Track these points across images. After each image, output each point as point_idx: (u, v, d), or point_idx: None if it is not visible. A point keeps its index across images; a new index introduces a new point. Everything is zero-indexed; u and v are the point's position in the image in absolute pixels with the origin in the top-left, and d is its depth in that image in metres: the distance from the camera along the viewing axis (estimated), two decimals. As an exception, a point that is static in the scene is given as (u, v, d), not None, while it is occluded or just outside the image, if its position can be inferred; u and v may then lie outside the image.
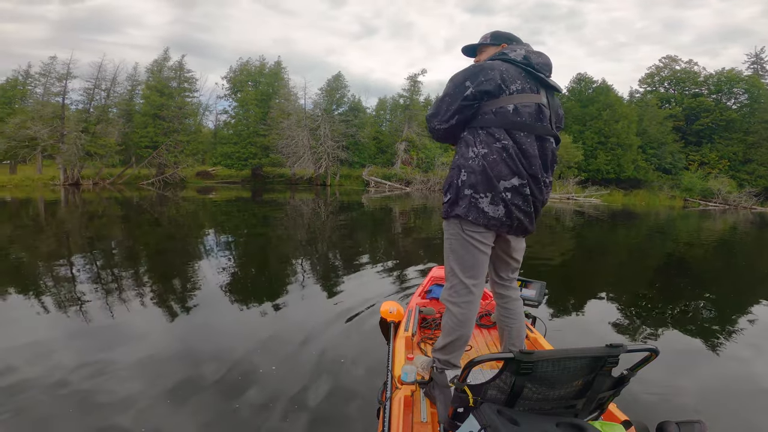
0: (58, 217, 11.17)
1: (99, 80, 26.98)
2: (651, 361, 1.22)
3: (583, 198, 24.36)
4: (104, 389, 2.14)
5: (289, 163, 28.67)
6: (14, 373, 2.27)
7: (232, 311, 3.49)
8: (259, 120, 30.36)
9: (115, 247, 6.56)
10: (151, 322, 3.14)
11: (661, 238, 10.69)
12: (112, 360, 2.45)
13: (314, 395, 2.13)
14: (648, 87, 37.12)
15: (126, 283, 4.26)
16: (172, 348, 2.69)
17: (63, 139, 24.37)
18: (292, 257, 5.94)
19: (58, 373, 2.28)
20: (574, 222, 13.15)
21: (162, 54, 29.54)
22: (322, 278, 4.68)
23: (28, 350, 2.56)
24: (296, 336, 2.85)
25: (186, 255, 5.99)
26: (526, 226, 1.69)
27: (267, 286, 4.37)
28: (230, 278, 4.54)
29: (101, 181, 26.27)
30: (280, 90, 31.45)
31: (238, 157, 30.29)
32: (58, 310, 3.34)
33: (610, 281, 5.43)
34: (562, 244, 8.59)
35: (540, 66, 1.66)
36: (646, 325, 3.59)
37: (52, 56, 27.77)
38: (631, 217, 16.36)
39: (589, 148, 28.70)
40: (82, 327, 3.02)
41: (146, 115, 27.63)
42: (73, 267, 4.94)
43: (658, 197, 28.53)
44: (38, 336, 2.80)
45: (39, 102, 26.93)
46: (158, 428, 1.87)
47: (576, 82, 32.03)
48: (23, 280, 4.32)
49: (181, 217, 11.46)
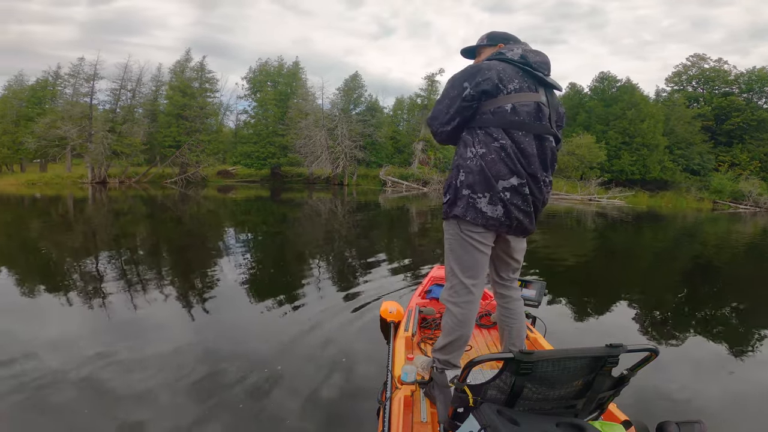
0: (85, 214, 11.64)
1: (125, 81, 27.92)
2: (651, 361, 1.21)
3: (605, 200, 23.77)
4: (121, 380, 2.22)
5: (307, 163, 28.97)
6: (39, 363, 2.36)
7: (237, 308, 3.55)
8: (277, 120, 30.81)
9: (139, 244, 6.80)
10: (171, 317, 3.24)
11: (687, 241, 10.38)
12: (132, 352, 2.54)
13: (314, 395, 2.14)
14: (675, 86, 35.97)
15: (148, 279, 4.41)
16: (184, 341, 2.76)
17: (91, 139, 25.31)
18: (304, 256, 6.04)
19: (81, 364, 2.37)
20: (596, 224, 12.87)
21: (184, 55, 30.35)
22: (329, 277, 4.72)
23: (53, 342, 2.67)
24: (297, 335, 2.87)
25: (206, 252, 6.16)
26: (525, 226, 1.68)
27: (276, 285, 4.42)
28: (242, 276, 4.62)
29: (127, 180, 27.16)
30: (298, 90, 31.83)
31: (257, 157, 30.82)
32: (83, 304, 3.48)
33: (624, 283, 5.32)
34: (579, 245, 8.45)
35: (538, 64, 1.65)
36: (647, 325, 3.56)
37: (80, 57, 28.70)
38: (656, 219, 15.91)
39: (613, 148, 28.00)
40: (105, 320, 3.14)
41: (169, 115, 28.38)
42: (98, 262, 5.16)
43: (686, 199, 27.61)
44: (63, 328, 2.93)
45: (68, 102, 27.94)
46: (171, 419, 1.93)
47: (599, 81, 31.30)
48: (52, 275, 4.54)
49: (203, 216, 11.76)
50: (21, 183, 25.24)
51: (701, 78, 34.66)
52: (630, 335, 3.22)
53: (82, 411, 1.96)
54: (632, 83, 30.05)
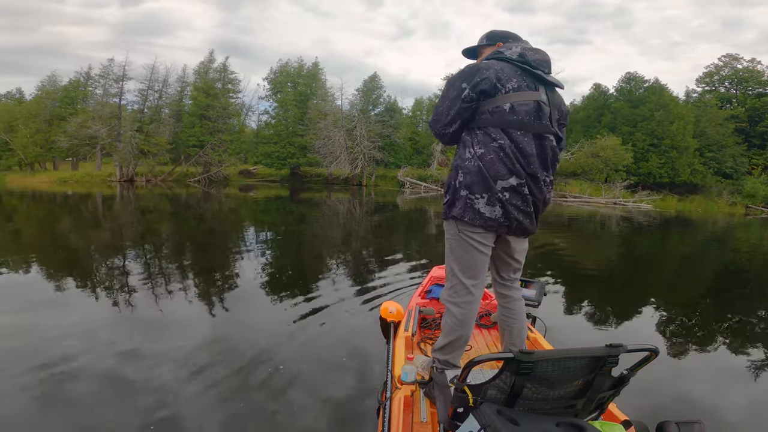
0: (114, 211, 12.13)
1: (152, 82, 28.86)
2: (651, 361, 1.21)
3: (631, 203, 23.14)
4: (138, 373, 2.31)
5: (326, 163, 29.26)
6: (62, 355, 2.46)
7: (242, 306, 3.59)
8: (297, 120, 31.23)
9: (164, 241, 7.06)
10: (189, 312, 3.35)
11: (717, 246, 10.04)
12: (150, 346, 2.63)
13: (314, 394, 2.14)
14: (706, 86, 34.67)
15: (170, 274, 4.59)
16: (197, 336, 2.84)
17: (119, 138, 26.29)
18: (315, 256, 6.14)
19: (101, 356, 2.49)
20: (620, 228, 12.56)
21: (207, 56, 31.15)
22: (335, 276, 4.74)
23: (77, 334, 2.79)
24: (299, 335, 2.88)
25: (226, 249, 6.34)
26: (525, 226, 1.66)
27: (282, 283, 4.47)
28: (253, 274, 4.68)
29: (153, 178, 28.06)
30: (317, 91, 32.18)
31: (277, 157, 31.32)
32: (107, 298, 3.66)
33: (639, 286, 5.20)
34: (598, 248, 8.29)
35: (537, 62, 1.63)
36: (649, 325, 3.53)
37: (110, 58, 29.77)
38: (685, 224, 15.40)
39: (640, 150, 27.19)
40: (128, 314, 3.28)
41: (194, 115, 29.14)
42: (125, 258, 5.41)
43: (717, 203, 26.58)
44: (88, 321, 3.06)
45: (99, 102, 29.04)
46: (185, 411, 1.99)
47: (625, 82, 30.46)
48: (80, 269, 4.81)
49: (224, 214, 12.05)
50: (53, 180, 26.42)
51: (734, 78, 33.30)
52: (631, 335, 3.21)
53: (101, 402, 2.04)
54: (661, 84, 29.11)
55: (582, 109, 32.77)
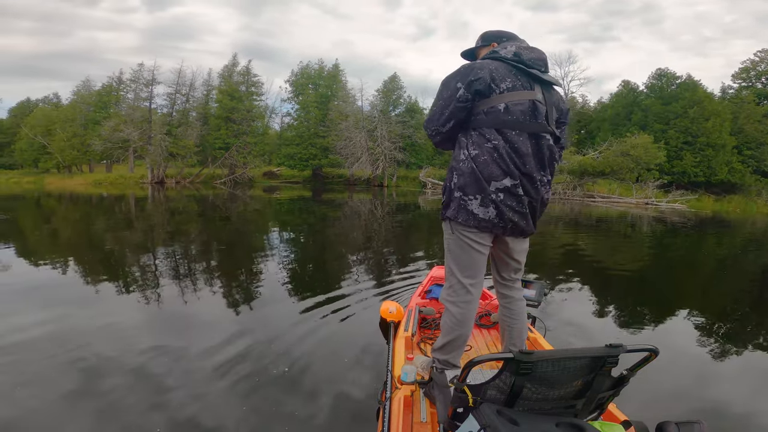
0: (146, 212, 12.71)
1: (179, 86, 29.89)
2: (651, 361, 1.21)
3: (665, 203, 22.32)
4: (161, 366, 2.41)
5: (348, 164, 29.56)
6: (90, 350, 2.59)
7: (248, 305, 3.66)
8: (318, 122, 31.65)
9: (192, 240, 7.35)
10: (212, 310, 3.50)
11: (755, 248, 9.61)
12: (174, 342, 2.75)
13: (315, 394, 2.16)
14: (743, 82, 33.05)
15: (196, 273, 4.80)
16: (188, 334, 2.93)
17: (150, 141, 27.38)
18: (330, 256, 6.24)
19: (128, 348, 2.61)
20: (652, 229, 12.17)
21: (231, 59, 31.97)
22: (341, 276, 4.79)
23: (106, 329, 2.96)
24: (299, 334, 2.92)
25: (250, 249, 6.54)
26: (521, 227, 1.66)
27: (289, 283, 4.52)
28: (271, 274, 4.80)
29: (182, 180, 29.07)
30: (338, 92, 32.58)
31: (299, 158, 31.86)
32: (138, 294, 3.86)
33: (673, 288, 5.05)
34: (625, 249, 8.08)
35: (532, 61, 1.62)
36: (650, 325, 3.50)
37: (140, 63, 31.13)
38: (721, 225, 14.75)
39: (673, 148, 26.23)
40: (155, 311, 3.45)
41: (219, 118, 29.98)
42: (156, 257, 5.71)
43: (756, 204, 25.27)
44: (117, 316, 3.24)
45: (131, 106, 30.20)
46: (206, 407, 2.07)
47: (656, 78, 29.43)
48: (112, 267, 5.11)
49: (249, 214, 12.41)
50: (89, 183, 27.75)
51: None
52: (633, 335, 3.19)
53: (127, 392, 2.13)
54: (694, 80, 28.02)
55: (610, 106, 31.86)
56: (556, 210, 15.95)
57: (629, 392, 1.46)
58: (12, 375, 2.29)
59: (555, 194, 21.95)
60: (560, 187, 22.37)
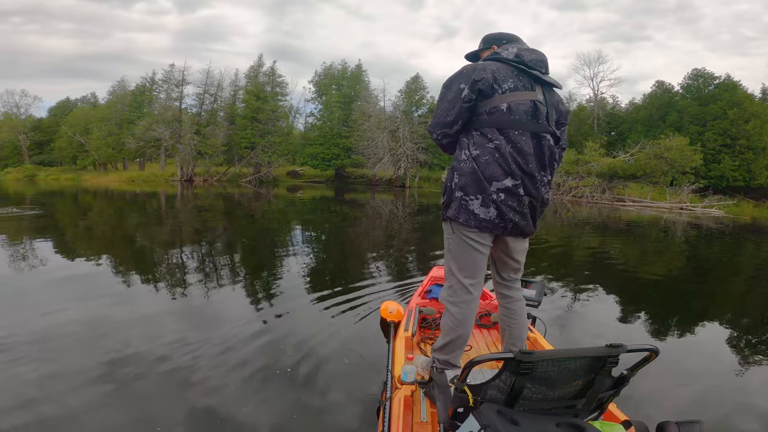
0: (175, 208, 13.23)
1: (208, 86, 30.83)
2: (651, 361, 1.22)
3: (700, 208, 21.40)
4: (183, 357, 2.50)
5: (370, 164, 29.72)
6: (118, 338, 2.72)
7: (253, 305, 3.70)
8: (341, 122, 31.99)
9: (217, 237, 7.62)
10: (235, 306, 3.64)
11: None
12: (194, 333, 2.87)
13: (315, 394, 2.19)
14: (790, 81, 31.28)
15: (217, 269, 5.01)
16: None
17: (180, 140, 28.37)
18: (350, 256, 6.29)
19: (153, 341, 2.72)
20: (686, 235, 11.70)
21: (257, 60, 32.72)
22: (347, 276, 4.86)
23: (135, 320, 3.11)
24: (301, 335, 2.95)
25: (272, 246, 6.75)
26: (522, 227, 1.67)
27: (296, 282, 4.57)
28: (286, 273, 4.92)
29: (209, 178, 30.00)
30: (361, 93, 32.84)
31: (322, 158, 32.29)
32: (164, 288, 4.08)
33: (701, 294, 4.89)
34: (655, 254, 7.82)
35: (533, 62, 1.65)
36: (650, 325, 3.46)
37: (171, 64, 32.20)
38: (761, 232, 14.06)
39: (711, 151, 25.11)
40: (182, 306, 3.63)
41: (245, 117, 30.73)
42: (183, 252, 5.98)
43: (801, 211, 23.93)
44: (145, 311, 3.39)
45: (163, 106, 31.32)
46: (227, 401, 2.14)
47: (693, 78, 28.24)
48: (143, 261, 5.39)
49: (272, 213, 12.74)
50: (123, 180, 29.05)
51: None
52: (633, 335, 3.17)
53: (149, 383, 2.24)
54: (733, 80, 26.72)
55: (643, 107, 30.82)
56: (583, 213, 15.53)
57: (629, 392, 1.46)
58: (42, 360, 2.45)
59: (582, 197, 21.40)
60: (588, 190, 21.75)
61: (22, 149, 41.66)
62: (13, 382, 2.21)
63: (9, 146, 41.87)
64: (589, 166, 21.75)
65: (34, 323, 3.04)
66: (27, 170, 37.31)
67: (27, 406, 1.98)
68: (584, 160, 21.98)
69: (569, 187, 22.10)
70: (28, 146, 41.66)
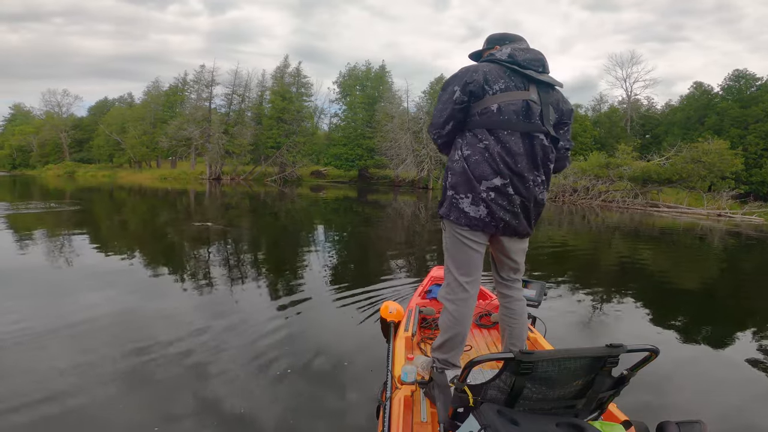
0: (203, 205, 13.73)
1: (236, 86, 31.75)
2: (651, 361, 1.22)
3: (740, 216, 20.37)
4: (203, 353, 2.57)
5: (393, 165, 29.87)
6: (144, 332, 2.83)
7: (257, 305, 3.74)
8: (365, 123, 32.25)
9: (242, 234, 7.90)
10: (254, 303, 3.77)
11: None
12: (215, 325, 2.99)
13: (315, 394, 2.20)
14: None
15: (245, 267, 5.22)
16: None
17: (209, 139, 29.30)
18: (365, 257, 6.33)
19: (175, 335, 2.82)
20: (725, 243, 11.18)
21: (282, 61, 33.34)
22: (354, 278, 4.89)
23: (161, 313, 3.23)
24: (302, 335, 2.98)
25: (294, 245, 6.94)
26: (514, 226, 1.68)
27: (300, 283, 4.63)
28: (307, 271, 5.05)
29: (236, 177, 30.86)
30: (384, 93, 33.03)
31: (346, 158, 32.63)
32: (191, 284, 4.25)
33: (742, 306, 4.71)
34: (689, 262, 7.52)
35: (527, 62, 1.66)
36: (652, 324, 3.40)
37: (201, 65, 33.20)
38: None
39: (752, 155, 23.91)
40: (205, 300, 3.75)
41: (272, 118, 31.43)
42: (209, 249, 6.23)
43: None
44: (170, 301, 3.58)
45: (193, 107, 32.43)
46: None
47: (734, 80, 26.97)
48: (172, 256, 5.65)
49: (296, 212, 13.03)
50: (155, 177, 30.27)
51: None
52: (632, 335, 3.15)
53: (169, 376, 2.32)
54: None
55: (680, 109, 29.66)
56: (614, 218, 15.02)
57: (629, 392, 1.47)
58: (74, 349, 2.61)
59: (612, 202, 20.72)
60: (619, 194, 20.98)
61: (63, 147, 44.03)
62: (42, 371, 2.34)
63: (51, 144, 44.35)
64: (621, 169, 20.99)
65: (68, 314, 3.19)
66: (67, 167, 39.47)
67: (55, 397, 2.09)
68: (615, 164, 21.25)
69: (599, 192, 21.40)
70: (68, 144, 43.99)
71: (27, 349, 2.59)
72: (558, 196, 21.80)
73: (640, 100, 35.34)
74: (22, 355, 2.52)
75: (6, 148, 48.96)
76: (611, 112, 35.55)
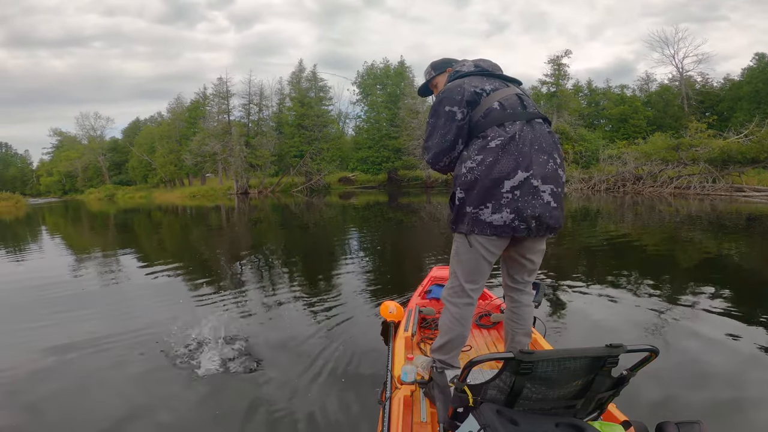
0: (232, 221, 14.30)
1: (251, 95, 32.43)
2: (651, 361, 1.25)
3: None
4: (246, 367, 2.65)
5: (423, 166, 29.70)
6: (174, 343, 2.92)
7: (261, 304, 4.00)
8: (389, 122, 32.38)
9: (271, 249, 8.07)
10: (273, 311, 3.83)
11: None
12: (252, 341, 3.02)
13: (314, 394, 2.26)
14: None
15: (276, 279, 5.33)
16: None
17: (231, 153, 30.26)
18: (396, 266, 5.98)
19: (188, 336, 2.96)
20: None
21: (298, 66, 34.21)
22: (361, 279, 4.95)
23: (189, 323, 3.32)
24: (302, 335, 3.08)
25: (323, 258, 6.98)
26: (544, 221, 1.68)
27: (306, 282, 4.72)
28: (290, 273, 4.97)
29: (264, 190, 31.81)
30: (406, 90, 32.99)
31: (372, 162, 32.86)
32: (230, 296, 4.37)
33: None
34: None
35: (492, 68, 1.83)
36: (651, 325, 3.33)
37: (219, 77, 33.84)
38: None
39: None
40: (236, 312, 3.83)
41: (292, 125, 32.07)
42: (241, 265, 6.45)
43: None
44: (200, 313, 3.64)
45: (214, 120, 33.46)
46: None
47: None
48: (207, 272, 5.94)
49: (325, 222, 13.24)
50: (186, 195, 31.79)
51: None
52: (633, 335, 3.10)
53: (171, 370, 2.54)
54: None
55: (746, 83, 27.93)
56: (691, 207, 13.64)
57: (629, 392, 1.49)
58: (103, 361, 2.82)
59: (689, 188, 18.52)
60: (696, 179, 18.57)
61: (103, 170, 47.15)
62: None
63: (92, 168, 47.64)
64: (694, 150, 18.82)
65: (117, 323, 3.54)
66: (107, 190, 42.25)
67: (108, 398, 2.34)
68: (687, 144, 19.11)
69: (669, 178, 19.35)
70: (107, 167, 47.06)
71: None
72: (617, 185, 20.52)
73: (693, 76, 33.50)
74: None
75: (55, 175, 53.10)
76: (663, 90, 33.86)
